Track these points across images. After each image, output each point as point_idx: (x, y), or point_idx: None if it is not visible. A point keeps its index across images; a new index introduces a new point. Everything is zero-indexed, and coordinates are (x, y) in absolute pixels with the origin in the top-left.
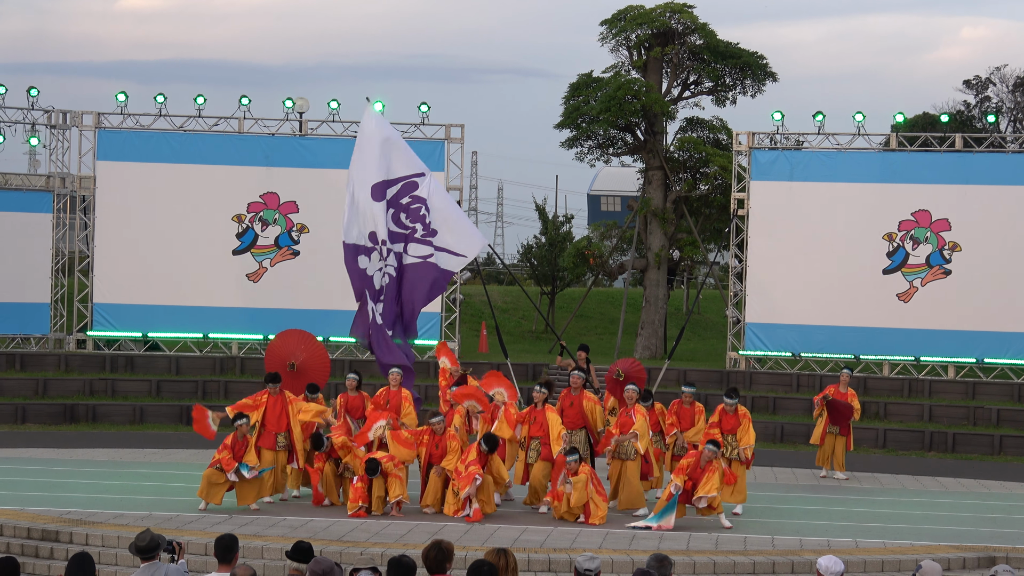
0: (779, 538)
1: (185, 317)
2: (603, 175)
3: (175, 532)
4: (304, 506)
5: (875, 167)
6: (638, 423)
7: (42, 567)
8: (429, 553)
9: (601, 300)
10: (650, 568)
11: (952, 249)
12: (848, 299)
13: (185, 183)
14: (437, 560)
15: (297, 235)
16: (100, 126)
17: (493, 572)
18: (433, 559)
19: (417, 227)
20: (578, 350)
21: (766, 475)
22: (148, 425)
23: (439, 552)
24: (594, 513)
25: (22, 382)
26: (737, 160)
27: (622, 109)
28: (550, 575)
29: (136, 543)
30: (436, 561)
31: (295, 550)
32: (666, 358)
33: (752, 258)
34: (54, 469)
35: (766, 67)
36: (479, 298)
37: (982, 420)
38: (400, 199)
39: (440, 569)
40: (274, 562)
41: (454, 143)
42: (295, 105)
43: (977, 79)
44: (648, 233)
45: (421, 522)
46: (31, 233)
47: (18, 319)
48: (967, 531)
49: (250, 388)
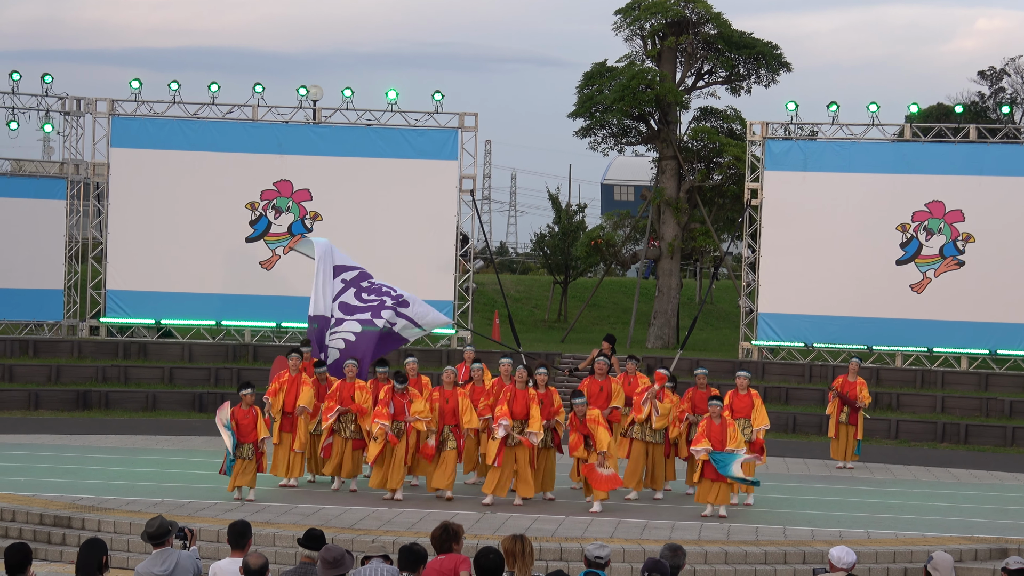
0: (791, 528)
1: (198, 304)
2: (617, 164)
3: (187, 519)
4: (316, 493)
5: (889, 158)
6: (664, 405)
7: (54, 553)
8: (435, 533)
9: (614, 289)
10: (663, 558)
11: (966, 240)
12: (861, 290)
13: (198, 170)
14: (443, 539)
15: (310, 223)
16: (114, 113)
17: (499, 560)
18: (438, 538)
19: (385, 299)
20: (603, 340)
21: (778, 465)
22: (160, 412)
23: (444, 532)
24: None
25: (35, 368)
26: (751, 150)
27: (636, 98)
28: (562, 564)
29: (146, 529)
30: (442, 540)
31: (307, 537)
32: (679, 348)
33: (765, 248)
34: (66, 455)
35: (780, 57)
36: (492, 287)
37: (995, 411)
38: (360, 281)
39: (447, 548)
40: (286, 549)
41: (468, 132)
42: (309, 93)
43: (992, 70)
44: (661, 223)
45: (433, 510)
46: (45, 220)
47: (31, 305)
48: (979, 522)
49: (263, 375)
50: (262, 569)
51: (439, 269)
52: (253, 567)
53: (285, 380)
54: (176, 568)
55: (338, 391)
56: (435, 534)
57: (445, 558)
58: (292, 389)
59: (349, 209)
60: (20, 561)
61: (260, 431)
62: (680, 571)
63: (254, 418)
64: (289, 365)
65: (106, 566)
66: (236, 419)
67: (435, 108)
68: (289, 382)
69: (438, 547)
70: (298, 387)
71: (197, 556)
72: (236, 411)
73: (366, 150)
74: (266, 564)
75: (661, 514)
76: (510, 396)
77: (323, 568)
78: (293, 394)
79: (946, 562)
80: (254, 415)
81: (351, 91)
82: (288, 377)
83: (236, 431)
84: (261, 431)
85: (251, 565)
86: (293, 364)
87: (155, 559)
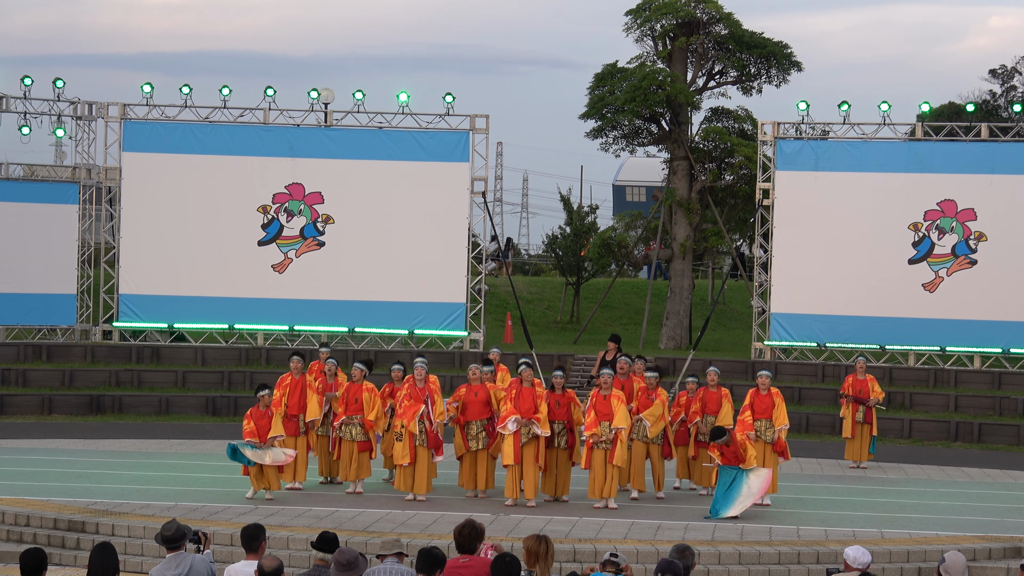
0: (804, 528)
1: (210, 308)
2: (628, 165)
3: (200, 523)
4: (329, 496)
5: (901, 157)
6: (654, 406)
7: (68, 558)
8: (463, 531)
9: (626, 290)
10: (673, 558)
11: (978, 239)
12: (873, 289)
13: (210, 174)
14: (470, 538)
15: (322, 226)
16: (126, 117)
17: (515, 564)
18: (467, 536)
19: None
20: (609, 340)
21: (791, 465)
22: (174, 416)
23: (472, 530)
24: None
25: (48, 373)
26: (762, 150)
27: (647, 99)
28: (575, 565)
29: (162, 532)
30: (470, 539)
31: (320, 540)
32: (691, 348)
33: (777, 248)
34: (80, 460)
35: (791, 56)
36: (504, 289)
37: (1008, 410)
38: None
39: (472, 548)
40: (299, 552)
41: (479, 133)
42: (320, 96)
43: (1003, 68)
44: (673, 223)
45: (447, 512)
46: (57, 224)
47: (44, 310)
48: (993, 521)
49: (275, 379)
50: (277, 571)
51: (451, 271)
52: (268, 570)
53: (287, 384)
54: (190, 572)
55: (346, 393)
56: (463, 532)
57: (469, 561)
58: (295, 392)
59: (361, 211)
60: (35, 566)
61: (275, 429)
62: (691, 571)
63: (270, 418)
64: (292, 369)
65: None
66: (254, 419)
67: (446, 110)
68: (292, 385)
69: (465, 545)
70: (301, 390)
71: (211, 560)
72: (254, 411)
73: (378, 152)
74: (281, 566)
75: (675, 515)
76: (515, 394)
77: (337, 571)
78: (296, 397)
79: (958, 564)
80: (270, 416)
81: (362, 94)
82: (291, 380)
83: (255, 432)
84: (275, 429)
85: (266, 568)
86: (296, 368)
87: (169, 563)
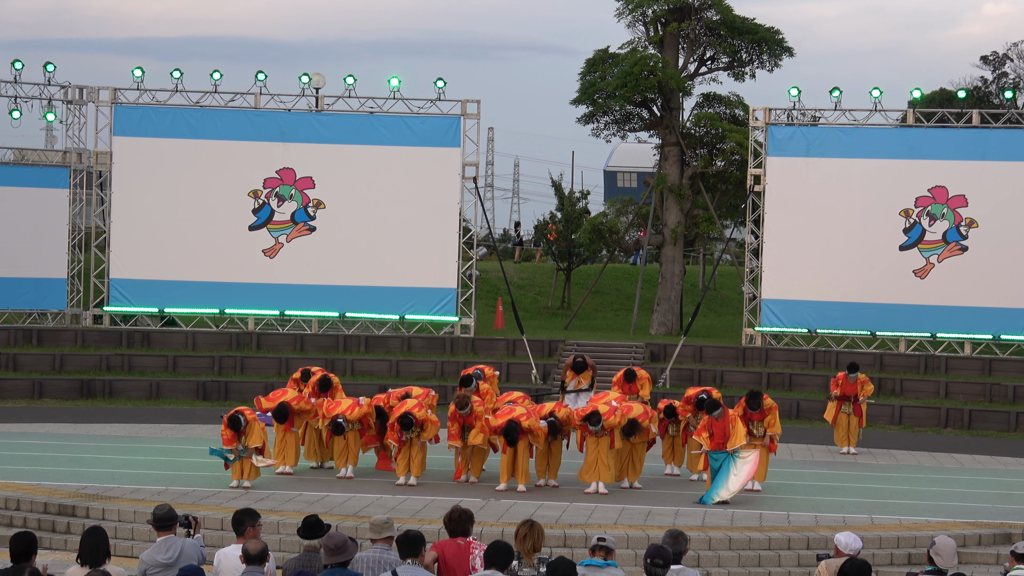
0: (794, 514)
1: (201, 293)
2: (619, 151)
3: (191, 507)
4: (320, 481)
5: (892, 143)
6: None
7: (59, 541)
8: (453, 516)
9: (617, 276)
10: (665, 544)
11: (969, 225)
12: (864, 275)
13: (201, 159)
14: (460, 521)
15: (313, 211)
16: (116, 101)
17: (508, 550)
18: (456, 520)
19: None
20: (574, 368)
21: (781, 451)
22: (164, 400)
23: (461, 515)
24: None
25: (39, 357)
26: (754, 136)
27: (638, 85)
28: (566, 550)
29: (154, 512)
30: (461, 522)
31: (304, 527)
32: (682, 334)
33: (768, 234)
34: (70, 444)
35: (782, 42)
36: (495, 274)
37: (998, 397)
38: None
39: (463, 531)
40: (290, 537)
41: (470, 119)
42: (311, 81)
43: (994, 55)
44: (664, 209)
45: (437, 497)
46: (48, 209)
47: (35, 294)
48: (983, 507)
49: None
50: (261, 555)
51: (442, 256)
52: (252, 553)
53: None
54: (180, 555)
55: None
56: (453, 517)
57: (461, 540)
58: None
59: (352, 196)
60: (25, 550)
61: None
62: (682, 557)
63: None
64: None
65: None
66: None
67: (437, 95)
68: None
69: (455, 530)
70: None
71: (201, 544)
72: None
73: (369, 138)
74: (265, 549)
75: (665, 500)
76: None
77: (326, 555)
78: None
79: (948, 547)
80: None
81: (353, 79)
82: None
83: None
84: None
85: (250, 551)
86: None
87: (159, 547)
